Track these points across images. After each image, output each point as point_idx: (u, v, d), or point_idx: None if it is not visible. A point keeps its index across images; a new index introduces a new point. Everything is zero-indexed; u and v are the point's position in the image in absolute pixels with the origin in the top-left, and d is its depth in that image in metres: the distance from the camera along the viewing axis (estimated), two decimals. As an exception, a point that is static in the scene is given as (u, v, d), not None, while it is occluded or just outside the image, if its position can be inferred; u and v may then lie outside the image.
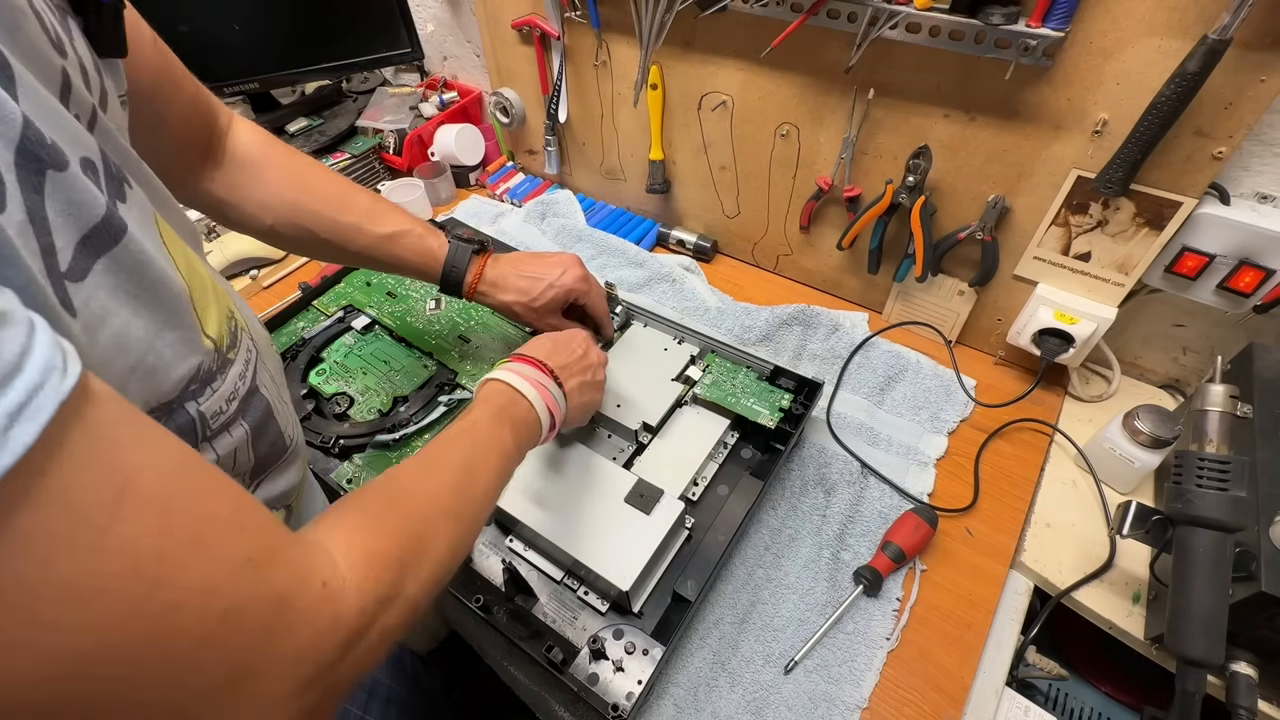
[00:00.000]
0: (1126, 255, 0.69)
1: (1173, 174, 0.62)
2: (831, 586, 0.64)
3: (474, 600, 0.58)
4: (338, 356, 0.82)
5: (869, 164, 0.80)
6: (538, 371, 0.55)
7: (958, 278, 0.83)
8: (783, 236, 0.96)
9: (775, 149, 0.87)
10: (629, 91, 0.94)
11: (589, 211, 1.10)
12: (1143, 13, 0.56)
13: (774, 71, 0.80)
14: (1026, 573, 0.68)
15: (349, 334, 0.87)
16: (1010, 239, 0.76)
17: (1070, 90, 0.63)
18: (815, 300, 0.94)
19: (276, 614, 0.25)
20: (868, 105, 0.75)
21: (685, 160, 0.98)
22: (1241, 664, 0.55)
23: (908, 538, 0.64)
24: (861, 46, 0.68)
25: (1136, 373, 0.86)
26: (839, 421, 0.78)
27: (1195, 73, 0.53)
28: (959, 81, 0.68)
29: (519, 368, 0.55)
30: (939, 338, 0.89)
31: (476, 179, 1.22)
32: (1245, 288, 0.65)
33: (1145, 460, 0.67)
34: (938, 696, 0.58)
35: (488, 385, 0.54)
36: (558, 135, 1.09)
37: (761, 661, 0.60)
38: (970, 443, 0.77)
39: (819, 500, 0.71)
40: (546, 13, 0.94)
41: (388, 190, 1.11)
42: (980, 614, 0.63)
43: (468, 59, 1.22)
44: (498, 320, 0.89)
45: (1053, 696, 0.81)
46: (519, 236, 1.06)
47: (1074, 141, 0.65)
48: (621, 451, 0.72)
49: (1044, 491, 0.74)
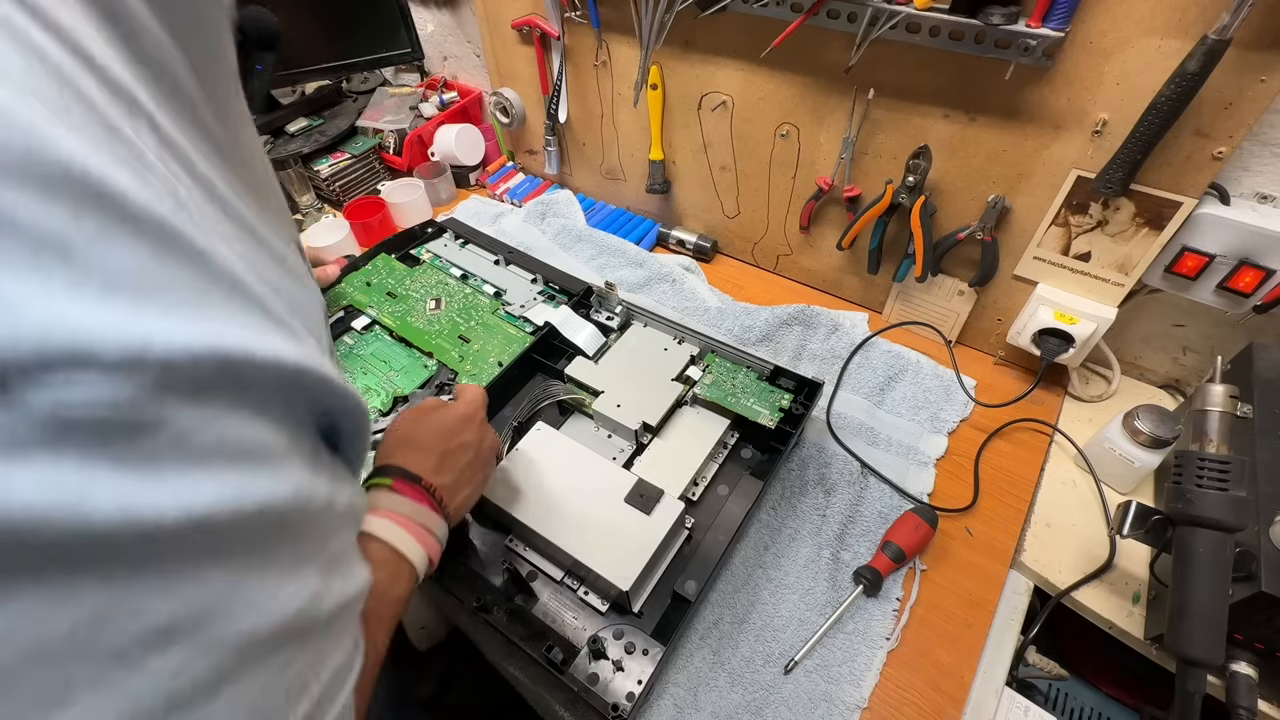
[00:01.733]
0: (1126, 255, 0.69)
1: (1173, 174, 0.62)
2: (831, 586, 0.64)
3: (473, 600, 0.58)
4: (338, 356, 0.82)
5: (869, 164, 0.80)
6: (423, 508, 0.46)
7: (958, 278, 0.83)
8: (783, 236, 0.96)
9: (775, 149, 0.87)
10: (629, 91, 0.94)
11: (589, 211, 1.10)
12: (1143, 13, 0.56)
13: (774, 71, 0.80)
14: (1026, 573, 0.68)
15: (349, 334, 0.87)
16: (1010, 239, 0.76)
17: (1070, 90, 0.63)
18: (815, 300, 0.94)
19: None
20: (868, 105, 0.75)
21: (685, 160, 0.98)
22: (1241, 664, 0.55)
23: (908, 538, 0.64)
24: (861, 47, 0.68)
25: (1136, 373, 0.86)
26: (839, 421, 0.78)
27: (1195, 73, 0.53)
28: (959, 81, 0.68)
29: (400, 505, 0.45)
30: (939, 338, 0.89)
31: (476, 179, 1.22)
32: (1245, 288, 0.64)
33: (1145, 460, 0.67)
34: (938, 696, 0.58)
35: (368, 543, 0.43)
36: (558, 135, 1.09)
37: (761, 661, 0.60)
38: (970, 443, 0.77)
39: (819, 500, 0.71)
40: (546, 13, 0.94)
41: (387, 190, 1.11)
42: (980, 614, 0.63)
43: (468, 59, 1.22)
44: (498, 320, 0.89)
45: (1053, 697, 0.81)
46: (519, 237, 1.06)
47: (1074, 141, 0.65)
48: (621, 451, 0.72)
49: (1044, 491, 0.73)
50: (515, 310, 0.91)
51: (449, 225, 1.05)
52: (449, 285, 0.94)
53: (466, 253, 1.02)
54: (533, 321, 0.88)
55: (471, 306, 0.91)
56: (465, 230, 1.04)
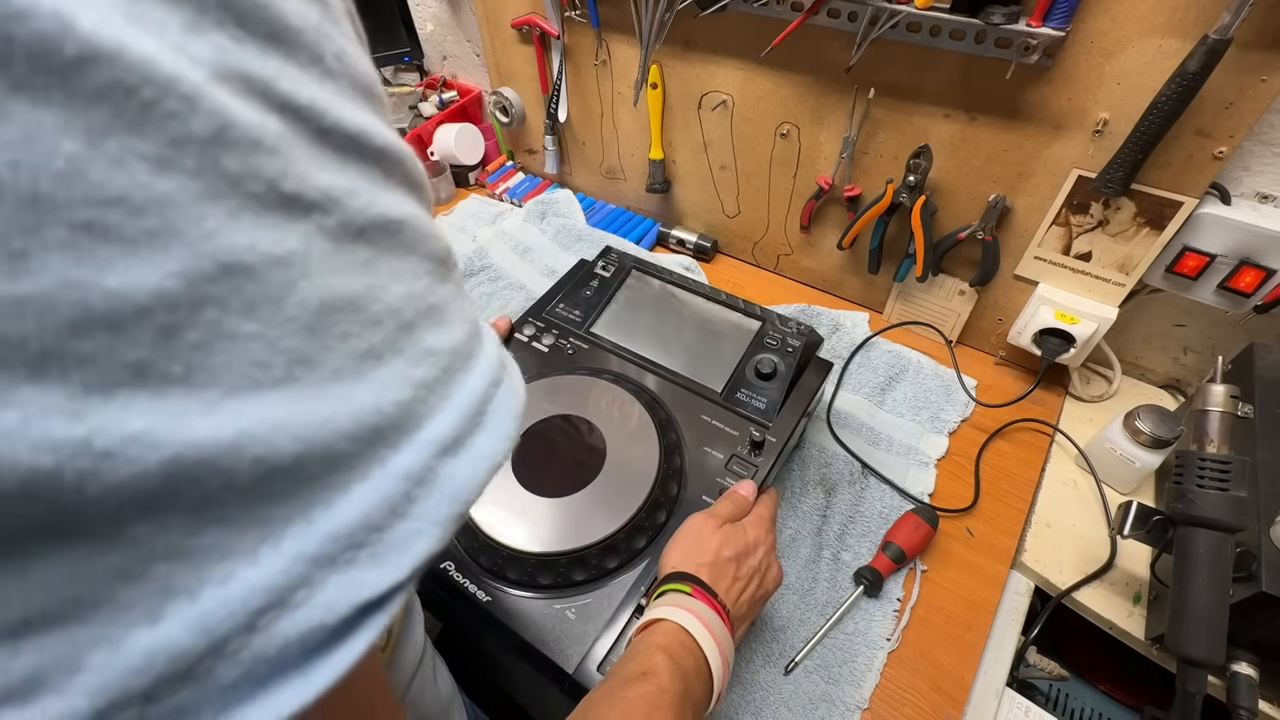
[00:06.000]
0: (1127, 255, 0.69)
1: (1173, 174, 0.62)
2: (832, 587, 0.64)
3: (473, 599, 0.58)
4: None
5: (869, 163, 0.80)
6: (723, 624, 0.44)
7: (958, 277, 0.83)
8: (783, 236, 0.96)
9: (775, 148, 0.87)
10: (629, 91, 0.94)
11: (589, 211, 1.10)
12: (1143, 12, 0.56)
13: (774, 71, 0.80)
14: (1027, 573, 0.68)
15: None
16: (1011, 239, 0.76)
17: (1071, 90, 0.63)
18: (816, 300, 0.94)
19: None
20: (868, 105, 0.75)
21: (685, 160, 0.98)
22: (1242, 664, 0.55)
23: (908, 538, 0.64)
24: (862, 46, 0.68)
25: (1137, 373, 0.86)
26: (839, 421, 0.78)
27: (1196, 72, 0.53)
28: (959, 81, 0.68)
29: (699, 608, 0.43)
30: (940, 338, 0.88)
31: (476, 178, 1.22)
32: (1246, 288, 0.64)
33: (1146, 460, 0.67)
34: (938, 697, 0.58)
35: (658, 627, 0.42)
36: (557, 135, 1.09)
37: (761, 662, 0.59)
38: (971, 443, 0.77)
39: (819, 500, 0.71)
40: (546, 12, 0.94)
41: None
42: (981, 614, 0.63)
43: (467, 58, 1.22)
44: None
45: (1053, 697, 0.81)
46: (519, 236, 1.06)
47: (1075, 141, 0.65)
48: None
49: (1045, 492, 0.73)
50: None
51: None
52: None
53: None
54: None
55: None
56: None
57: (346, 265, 0.16)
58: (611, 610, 0.52)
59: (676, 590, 0.45)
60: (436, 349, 0.19)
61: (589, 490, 0.57)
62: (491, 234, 1.06)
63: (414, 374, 0.18)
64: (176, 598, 0.14)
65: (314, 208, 0.15)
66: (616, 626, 0.51)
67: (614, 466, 0.58)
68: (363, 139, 0.17)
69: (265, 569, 0.15)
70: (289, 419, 0.15)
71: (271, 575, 0.15)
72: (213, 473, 0.14)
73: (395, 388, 0.17)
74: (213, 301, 0.14)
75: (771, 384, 0.67)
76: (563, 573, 0.53)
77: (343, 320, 0.16)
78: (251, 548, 0.15)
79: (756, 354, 0.69)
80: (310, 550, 0.16)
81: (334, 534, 0.16)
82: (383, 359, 0.17)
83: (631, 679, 0.38)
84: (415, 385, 0.18)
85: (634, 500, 0.56)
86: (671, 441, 0.62)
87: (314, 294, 0.15)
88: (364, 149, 0.17)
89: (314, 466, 0.16)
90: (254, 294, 0.14)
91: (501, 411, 0.21)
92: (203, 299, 0.13)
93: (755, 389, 0.67)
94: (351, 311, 0.16)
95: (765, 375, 0.67)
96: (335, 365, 0.16)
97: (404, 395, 0.18)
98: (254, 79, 0.14)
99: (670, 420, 0.65)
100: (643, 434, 0.61)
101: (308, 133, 0.16)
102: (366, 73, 0.19)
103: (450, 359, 0.19)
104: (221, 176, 0.14)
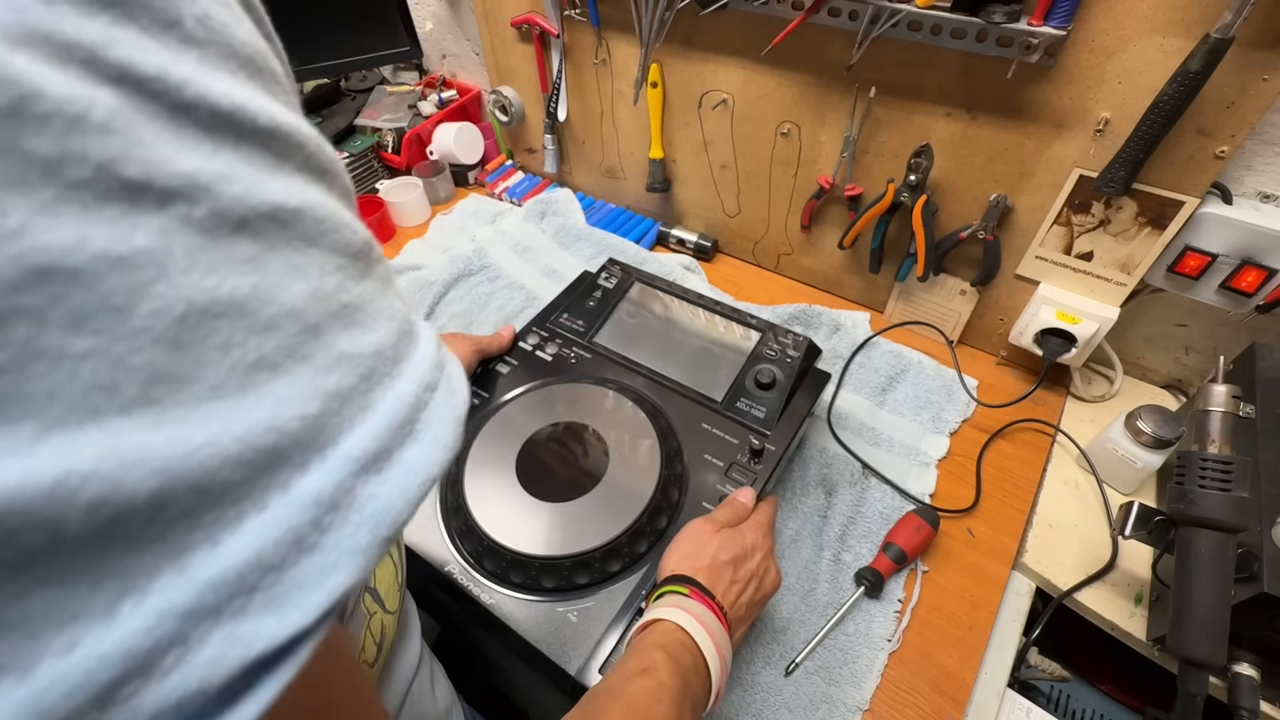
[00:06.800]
0: (1129, 255, 0.69)
1: (1175, 173, 0.62)
2: (833, 588, 0.64)
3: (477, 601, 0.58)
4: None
5: (870, 163, 0.80)
6: (721, 625, 0.44)
7: (960, 277, 0.83)
8: (784, 235, 0.96)
9: (776, 147, 0.86)
10: (629, 90, 0.94)
11: (589, 210, 1.10)
12: (1145, 11, 0.55)
13: (775, 70, 0.80)
14: (1028, 574, 0.68)
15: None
16: (1012, 238, 0.75)
17: (1072, 89, 0.62)
18: (816, 300, 0.94)
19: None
20: (869, 104, 0.74)
21: (685, 159, 0.97)
22: (1244, 665, 0.55)
23: (909, 539, 0.64)
24: (863, 45, 0.68)
25: (1139, 373, 0.85)
26: (840, 422, 0.78)
27: (1197, 71, 0.53)
28: (960, 80, 0.68)
29: (696, 608, 0.43)
30: (941, 338, 0.88)
31: (475, 178, 1.22)
32: (1248, 287, 0.64)
33: (1147, 461, 0.67)
34: (939, 698, 0.58)
35: (657, 626, 0.43)
36: (557, 134, 1.09)
37: (762, 663, 0.59)
38: (972, 443, 0.76)
39: (820, 501, 0.71)
40: (546, 10, 0.94)
41: (386, 189, 1.11)
42: (982, 615, 0.63)
43: (467, 57, 1.22)
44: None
45: (1054, 698, 0.81)
46: (518, 235, 1.05)
47: (1076, 140, 0.65)
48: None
49: (1046, 492, 0.73)
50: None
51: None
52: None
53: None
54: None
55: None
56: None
57: (224, 263, 0.14)
58: (613, 613, 0.52)
59: (675, 592, 0.45)
60: (352, 353, 0.17)
61: (592, 495, 0.57)
62: (491, 233, 1.06)
63: (324, 383, 0.16)
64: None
65: (174, 197, 0.13)
66: (618, 629, 0.51)
67: (616, 473, 0.59)
68: (240, 117, 0.15)
69: (123, 631, 0.13)
70: (144, 450, 0.13)
71: (131, 638, 0.13)
72: (29, 524, 0.11)
73: (298, 400, 0.15)
74: (22, 315, 0.11)
75: (771, 394, 0.67)
76: (566, 576, 0.53)
77: (222, 327, 0.14)
78: (106, 607, 0.13)
79: (756, 364, 0.70)
80: (184, 603, 0.13)
81: (216, 580, 0.14)
82: (280, 368, 0.15)
83: (632, 674, 0.39)
84: (326, 396, 0.16)
85: (636, 505, 0.56)
86: (673, 449, 0.62)
87: (177, 298, 0.13)
88: (244, 129, 0.15)
89: (185, 502, 0.13)
90: (84, 303, 0.12)
91: (438, 419, 0.19)
92: (7, 313, 0.11)
93: (755, 398, 0.67)
94: (234, 316, 0.14)
95: (765, 385, 0.68)
96: (213, 381, 0.14)
97: (310, 408, 0.16)
98: (71, 44, 0.12)
99: (671, 428, 0.65)
100: (644, 441, 0.61)
101: (159, 109, 0.13)
102: (247, 41, 0.16)
103: (372, 364, 0.17)
104: (24, 161, 0.11)
